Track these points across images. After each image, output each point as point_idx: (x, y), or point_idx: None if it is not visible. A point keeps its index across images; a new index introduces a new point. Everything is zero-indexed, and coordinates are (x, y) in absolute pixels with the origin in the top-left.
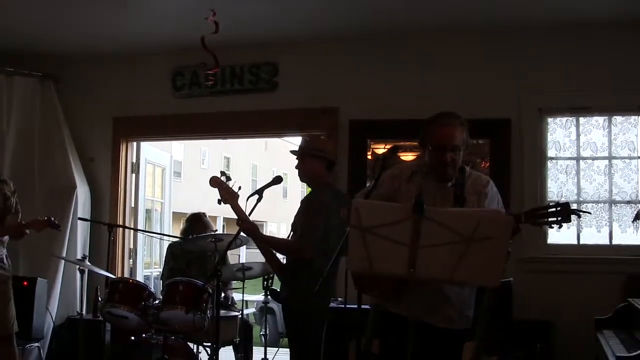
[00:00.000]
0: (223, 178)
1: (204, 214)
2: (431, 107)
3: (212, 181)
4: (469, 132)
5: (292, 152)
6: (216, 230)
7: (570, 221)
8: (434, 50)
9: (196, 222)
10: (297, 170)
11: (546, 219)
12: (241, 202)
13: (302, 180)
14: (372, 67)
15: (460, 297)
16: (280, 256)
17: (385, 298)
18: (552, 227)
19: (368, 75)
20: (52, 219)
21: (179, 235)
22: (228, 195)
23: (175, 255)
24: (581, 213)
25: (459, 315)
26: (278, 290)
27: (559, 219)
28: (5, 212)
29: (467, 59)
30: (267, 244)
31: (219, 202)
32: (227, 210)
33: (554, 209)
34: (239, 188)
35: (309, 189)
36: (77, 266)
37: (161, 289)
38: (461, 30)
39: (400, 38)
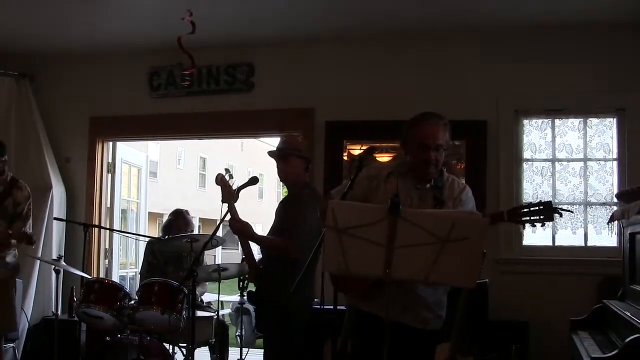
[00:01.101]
0: (227, 176)
1: (187, 211)
2: (407, 109)
3: (218, 179)
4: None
5: (272, 152)
6: (192, 231)
7: (552, 219)
8: (411, 52)
9: (178, 218)
10: (278, 171)
11: (529, 218)
12: (218, 201)
13: (283, 180)
14: (348, 68)
15: (434, 298)
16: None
17: (361, 298)
18: (535, 226)
19: (344, 76)
20: (31, 235)
21: (155, 234)
22: (229, 196)
23: (154, 251)
24: (563, 212)
25: (434, 316)
26: (254, 292)
27: (542, 217)
28: (14, 217)
29: (444, 61)
30: (261, 244)
31: (222, 201)
32: (203, 210)
33: (536, 208)
34: (236, 189)
35: (286, 190)
36: (53, 266)
37: (137, 287)
38: (438, 32)
39: (377, 40)
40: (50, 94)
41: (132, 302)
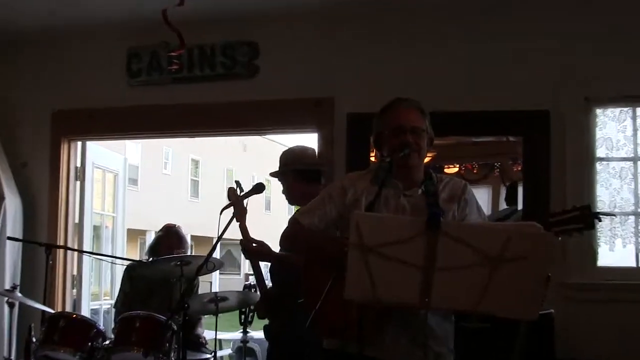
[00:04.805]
0: (238, 190)
1: (179, 227)
2: (450, 98)
3: (231, 194)
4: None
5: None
6: (184, 252)
7: (593, 227)
8: (451, 29)
9: (169, 234)
10: (295, 193)
11: (563, 227)
12: (214, 214)
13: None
14: (377, 47)
15: (442, 328)
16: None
17: (351, 339)
18: (570, 236)
19: (371, 57)
20: None
21: (135, 257)
22: (242, 212)
23: (134, 278)
24: (603, 216)
25: (447, 350)
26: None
27: (579, 225)
28: None
29: (492, 38)
30: (284, 262)
31: (235, 219)
32: (196, 226)
33: (570, 215)
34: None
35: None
36: (6, 298)
37: (113, 324)
38: (490, 4)
39: (410, 14)
40: (3, 84)
41: (107, 341)
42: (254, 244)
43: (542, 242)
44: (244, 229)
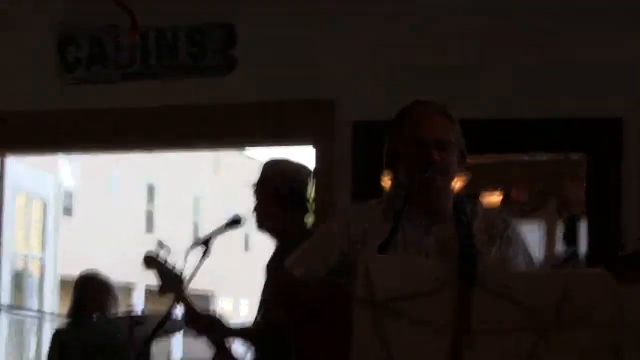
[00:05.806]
0: (162, 253)
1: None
2: (487, 101)
3: (148, 260)
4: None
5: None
6: (131, 308)
7: None
8: (499, 12)
9: (85, 287)
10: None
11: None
12: (177, 256)
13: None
14: (392, 33)
15: None
16: None
17: None
18: None
19: (385, 47)
20: None
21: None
22: (171, 281)
23: (66, 344)
24: None
25: None
26: None
27: None
28: None
29: (547, 24)
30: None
31: (161, 290)
32: (150, 275)
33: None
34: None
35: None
36: None
37: None
38: None
39: None
40: None
41: None
42: (202, 321)
43: (611, 296)
44: (187, 304)
